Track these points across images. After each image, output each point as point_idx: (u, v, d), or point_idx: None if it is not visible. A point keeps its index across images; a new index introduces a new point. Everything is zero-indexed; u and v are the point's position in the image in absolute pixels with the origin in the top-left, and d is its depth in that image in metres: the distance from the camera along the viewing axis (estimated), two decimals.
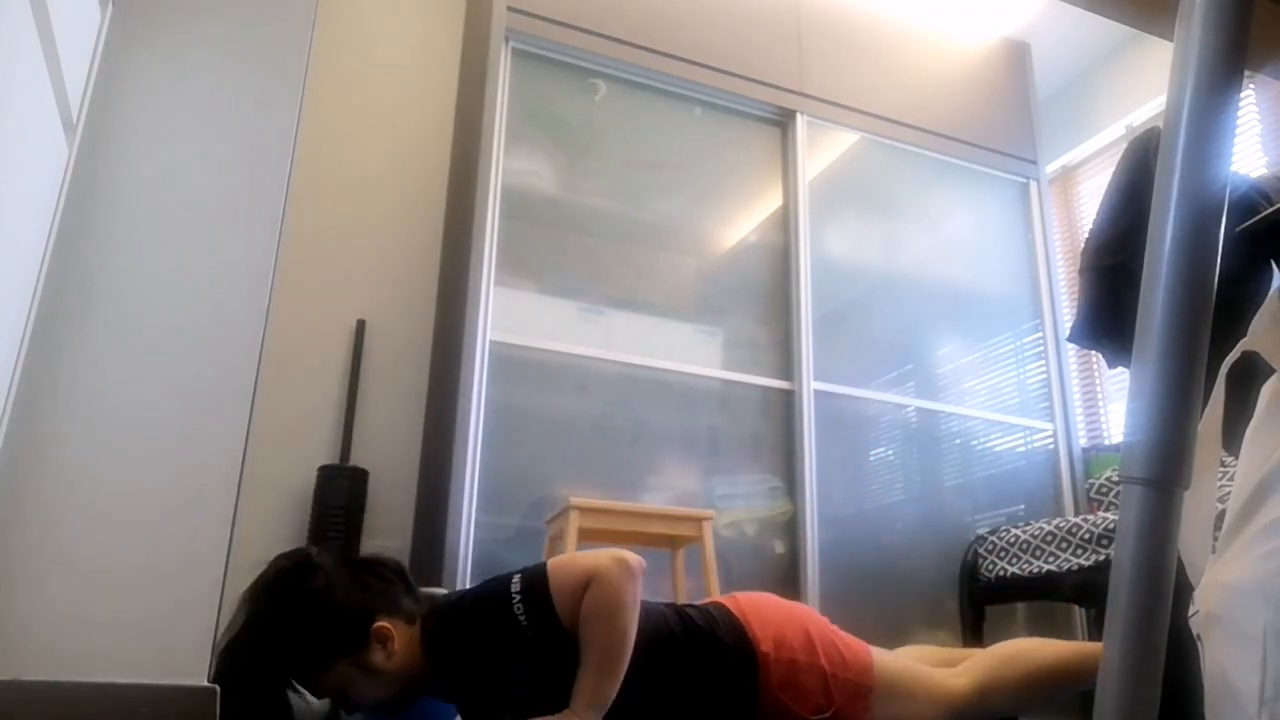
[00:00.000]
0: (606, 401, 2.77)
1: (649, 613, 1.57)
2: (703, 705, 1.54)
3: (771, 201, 3.24)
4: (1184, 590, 0.74)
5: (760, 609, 1.64)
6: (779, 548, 2.85)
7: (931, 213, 3.51)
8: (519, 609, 1.37)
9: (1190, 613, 0.75)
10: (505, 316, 2.71)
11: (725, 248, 3.17)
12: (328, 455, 2.84)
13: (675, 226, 3.12)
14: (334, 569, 1.49)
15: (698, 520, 2.31)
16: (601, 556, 1.38)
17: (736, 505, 2.82)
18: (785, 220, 3.21)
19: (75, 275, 2.08)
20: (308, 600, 1.42)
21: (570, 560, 1.41)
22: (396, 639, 1.45)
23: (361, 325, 3.01)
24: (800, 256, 3.14)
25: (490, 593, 1.42)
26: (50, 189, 2.00)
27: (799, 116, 3.29)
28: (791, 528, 2.86)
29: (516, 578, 1.40)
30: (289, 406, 2.82)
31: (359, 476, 2.80)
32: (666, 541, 2.39)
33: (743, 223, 3.21)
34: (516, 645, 1.38)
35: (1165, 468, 0.65)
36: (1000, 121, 3.66)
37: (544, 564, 1.42)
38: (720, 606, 1.65)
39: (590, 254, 2.95)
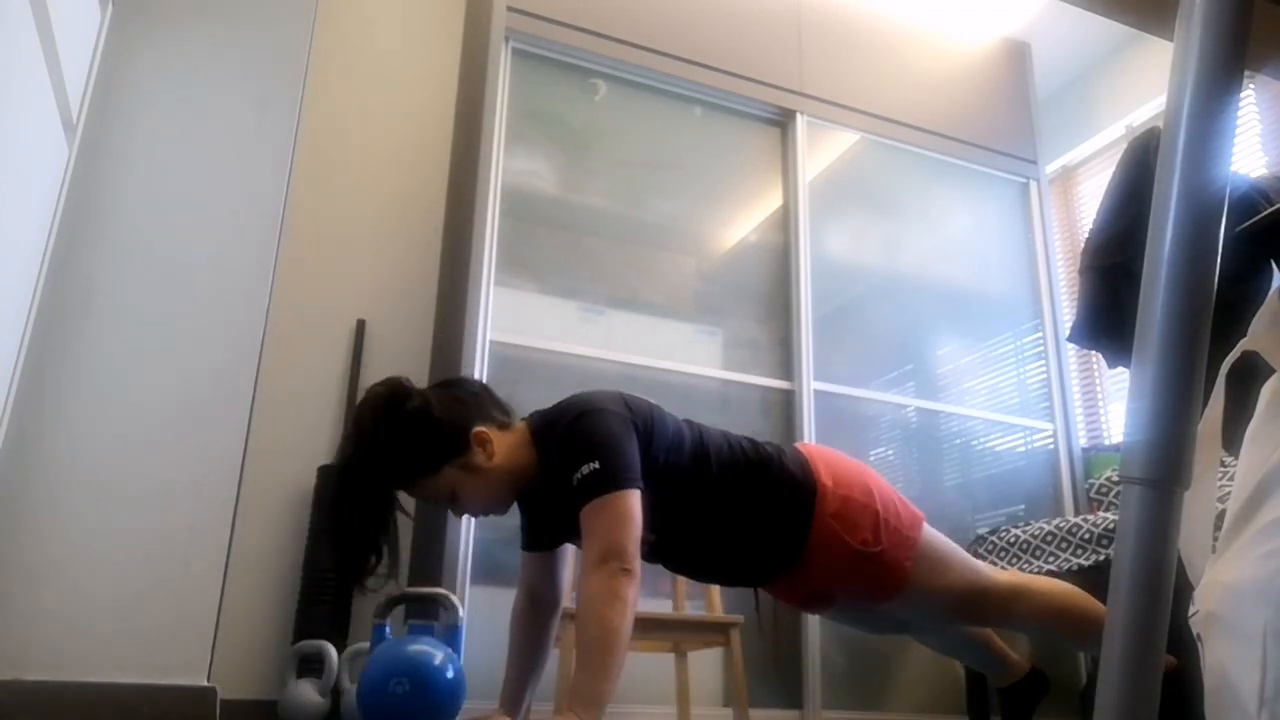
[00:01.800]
0: None
1: (728, 436, 1.70)
2: (762, 525, 1.65)
3: (771, 201, 3.24)
4: (1184, 590, 0.74)
5: (827, 455, 1.76)
6: None
7: (931, 213, 3.51)
8: (576, 479, 1.47)
9: (1190, 613, 0.75)
10: (505, 316, 2.71)
11: (725, 248, 3.17)
12: (328, 455, 2.83)
13: (675, 226, 3.12)
14: (428, 390, 1.61)
15: None
16: (602, 552, 1.41)
17: None
18: (785, 220, 3.21)
19: (75, 275, 2.09)
20: (411, 416, 1.53)
21: (602, 515, 1.45)
22: (495, 442, 1.57)
23: (361, 325, 3.01)
24: (800, 256, 3.14)
25: (577, 444, 1.51)
26: (50, 188, 2.00)
27: (799, 116, 3.29)
28: None
29: (589, 467, 1.47)
30: (289, 406, 2.82)
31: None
32: None
33: (743, 223, 3.21)
34: (564, 492, 1.50)
35: (1165, 468, 0.65)
36: (1000, 121, 3.66)
37: (604, 490, 1.46)
38: (791, 446, 1.77)
39: (590, 254, 2.95)
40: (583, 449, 1.49)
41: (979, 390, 3.35)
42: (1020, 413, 3.38)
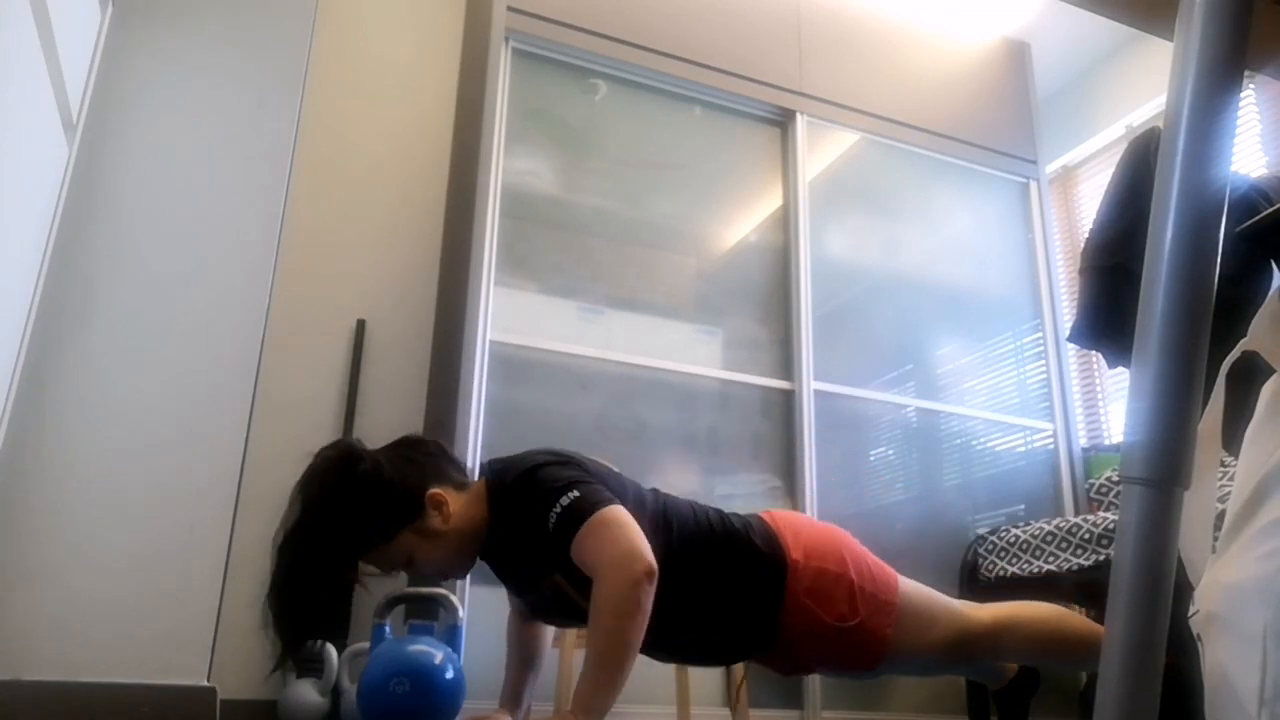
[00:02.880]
0: (607, 401, 2.77)
1: (694, 507, 1.63)
2: (731, 604, 1.58)
3: (771, 201, 3.24)
4: (1184, 590, 0.74)
5: (794, 523, 1.69)
6: None
7: (931, 213, 3.50)
8: (552, 520, 1.40)
9: (1190, 613, 0.75)
10: (505, 316, 2.71)
11: (725, 248, 3.17)
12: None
13: (675, 226, 3.11)
14: (379, 451, 1.54)
15: None
16: (615, 557, 1.36)
17: (736, 505, 2.82)
18: (785, 220, 3.20)
19: (76, 274, 2.08)
20: (360, 481, 1.46)
21: (596, 533, 1.38)
22: (451, 503, 1.51)
23: (361, 325, 3.01)
24: (800, 256, 3.13)
25: (544, 487, 1.45)
26: (50, 188, 2.00)
27: (799, 116, 3.28)
28: None
29: (568, 498, 1.41)
30: (289, 406, 2.81)
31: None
32: None
33: (743, 223, 3.20)
34: (541, 540, 1.44)
35: (1165, 468, 0.65)
36: (1000, 121, 3.65)
37: (588, 508, 1.40)
38: (756, 517, 1.69)
39: (590, 254, 2.94)
40: (552, 488, 1.43)
41: (979, 390, 3.34)
42: (1020, 413, 3.37)
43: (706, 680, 2.56)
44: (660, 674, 2.35)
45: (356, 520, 1.46)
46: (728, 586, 1.57)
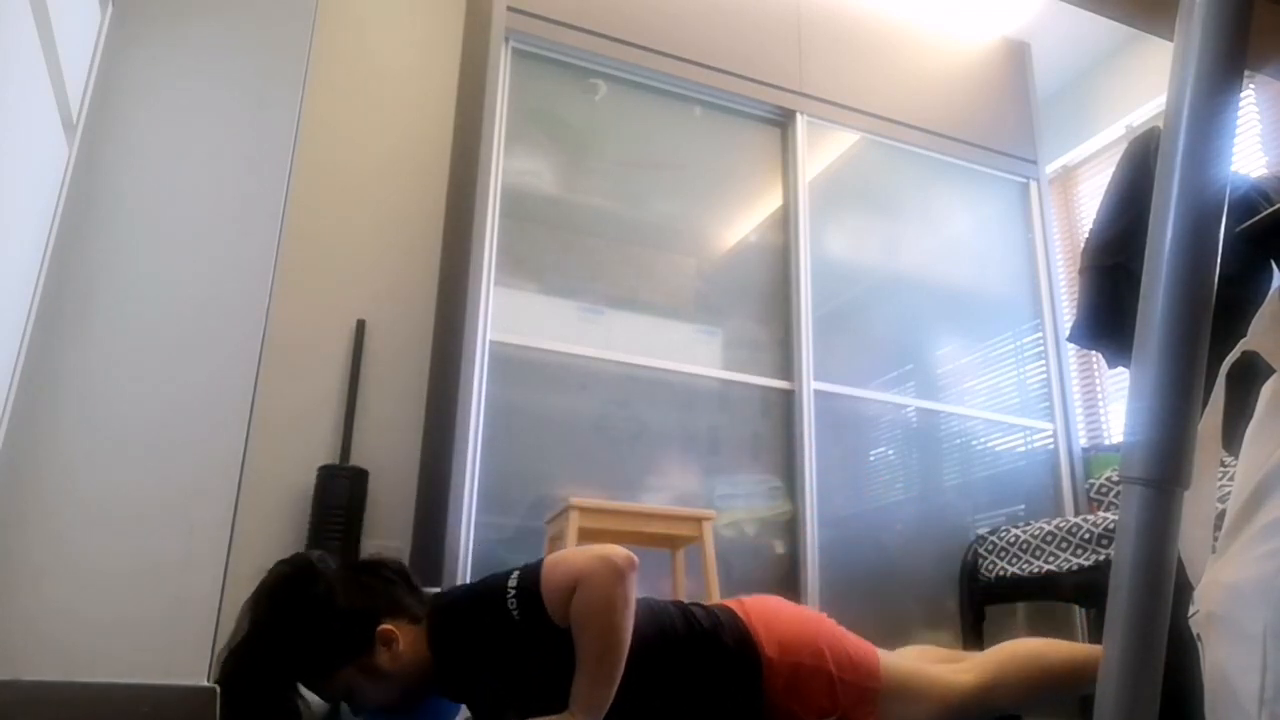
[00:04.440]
0: (607, 401, 2.77)
1: (654, 609, 1.56)
2: (705, 707, 1.52)
3: (772, 201, 3.24)
4: (1184, 590, 0.74)
5: (766, 613, 1.63)
6: (779, 548, 2.83)
7: (931, 213, 3.49)
8: (513, 605, 1.37)
9: (1190, 613, 0.75)
10: (505, 316, 2.70)
11: (725, 247, 3.17)
12: (328, 455, 2.84)
13: (675, 226, 3.11)
14: (335, 574, 1.49)
15: (698, 520, 2.30)
16: (591, 558, 1.36)
17: (737, 505, 2.81)
18: (785, 220, 3.19)
19: (75, 275, 2.06)
20: (310, 606, 1.42)
21: (563, 559, 1.39)
22: (401, 640, 1.45)
23: (361, 325, 3.01)
24: (800, 256, 3.12)
25: (488, 590, 1.42)
26: (50, 189, 1.98)
27: (799, 116, 3.28)
28: (792, 528, 2.84)
29: (514, 575, 1.41)
30: (289, 406, 2.81)
31: (359, 477, 2.79)
32: (666, 541, 2.38)
33: (743, 222, 3.20)
34: (514, 641, 1.38)
35: (1165, 468, 0.65)
36: (1000, 121, 3.65)
37: (540, 562, 1.42)
38: (727, 609, 1.64)
39: (590, 254, 2.94)
40: (495, 583, 1.40)
41: (979, 390, 3.34)
42: (1020, 413, 3.37)
43: None
44: None
45: (299, 648, 1.42)
46: (701, 687, 1.51)
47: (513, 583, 1.39)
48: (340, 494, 2.71)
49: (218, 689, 1.90)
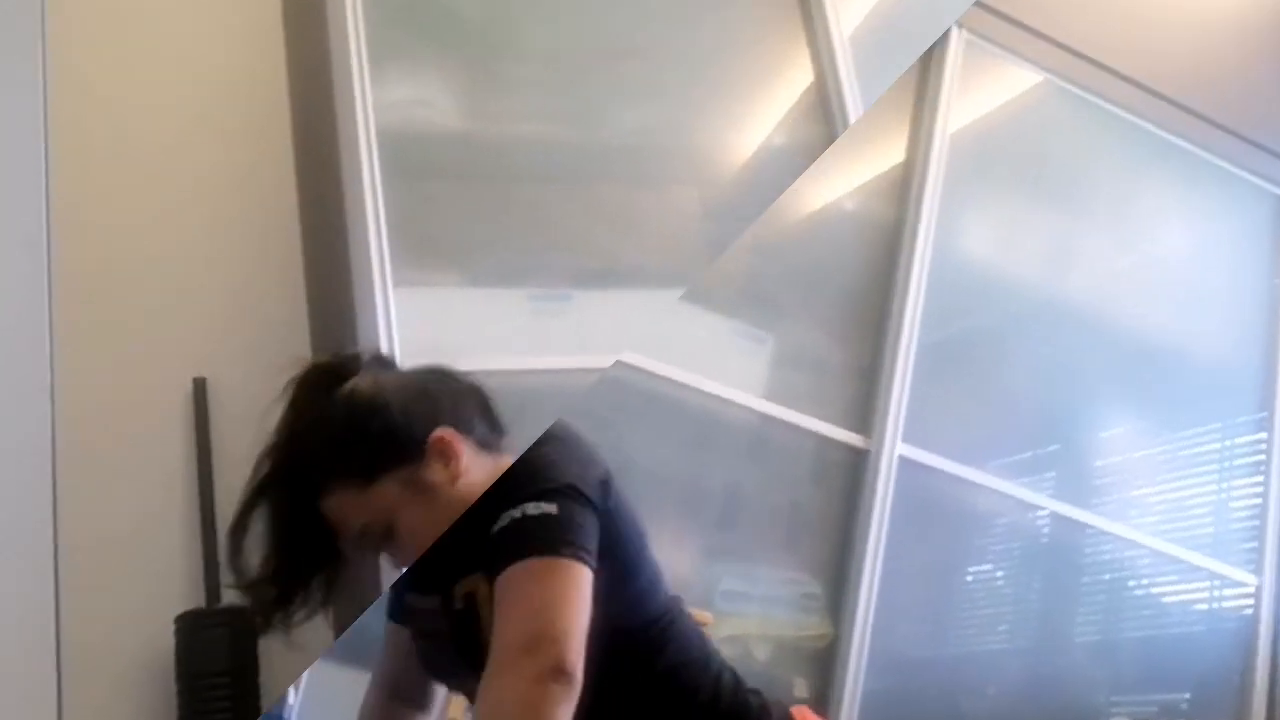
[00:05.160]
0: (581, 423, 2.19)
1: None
2: None
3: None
4: None
5: None
6: (800, 689, 2.47)
7: (1133, 215, 3.04)
8: (509, 521, 1.14)
9: None
10: (416, 331, 2.18)
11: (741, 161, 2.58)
12: (186, 598, 2.16)
13: (659, 144, 2.49)
14: (388, 373, 1.37)
15: None
16: (545, 634, 1.08)
17: (748, 611, 2.50)
18: (905, 184, 2.64)
19: None
20: (346, 397, 1.28)
21: (544, 585, 1.11)
22: (463, 458, 1.27)
23: (200, 385, 2.30)
24: (917, 244, 2.58)
25: (529, 470, 1.19)
26: None
27: (955, 32, 2.64)
28: (826, 661, 2.51)
29: (541, 509, 1.14)
30: (108, 531, 2.10)
31: (240, 621, 2.15)
32: None
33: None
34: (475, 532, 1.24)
35: None
36: (1262, 99, 3.03)
37: (562, 551, 1.11)
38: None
39: (531, 211, 2.38)
40: (537, 484, 1.16)
41: (1155, 504, 2.95)
42: (1212, 551, 2.92)
43: None
44: None
45: (337, 444, 1.25)
46: None
47: (525, 513, 1.14)
48: (217, 652, 2.14)
49: None
